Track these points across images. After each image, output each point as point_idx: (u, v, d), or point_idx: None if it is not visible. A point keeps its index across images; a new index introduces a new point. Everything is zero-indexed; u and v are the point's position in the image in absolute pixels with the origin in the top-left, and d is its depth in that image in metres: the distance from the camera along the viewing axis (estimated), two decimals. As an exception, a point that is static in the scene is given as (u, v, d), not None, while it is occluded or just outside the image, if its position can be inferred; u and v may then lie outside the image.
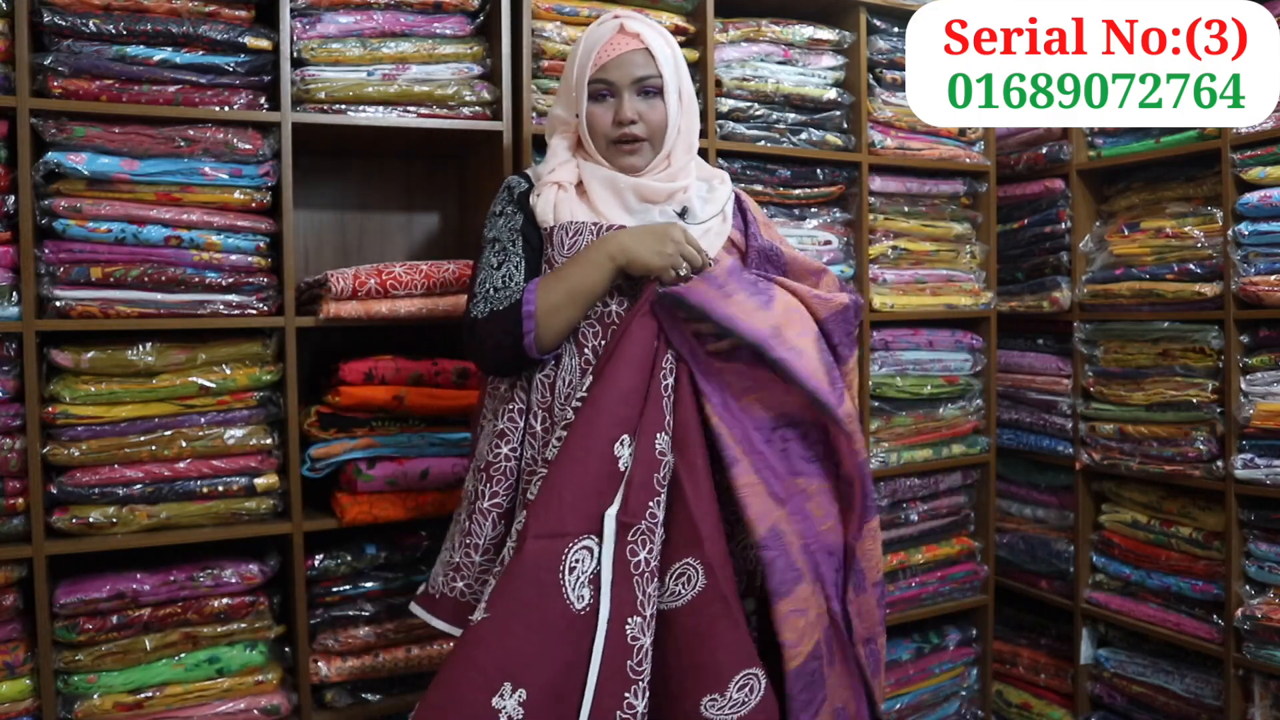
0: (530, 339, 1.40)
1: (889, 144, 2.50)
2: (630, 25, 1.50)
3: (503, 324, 1.41)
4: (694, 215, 1.52)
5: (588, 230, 1.47)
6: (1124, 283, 2.55)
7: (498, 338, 1.42)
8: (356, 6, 1.97)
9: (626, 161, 1.51)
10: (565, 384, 1.45)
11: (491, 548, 1.48)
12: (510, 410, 1.48)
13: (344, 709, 1.99)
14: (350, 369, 1.96)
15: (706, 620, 1.36)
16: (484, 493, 1.48)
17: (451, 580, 1.51)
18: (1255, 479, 2.27)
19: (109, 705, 1.79)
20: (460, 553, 1.50)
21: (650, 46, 1.49)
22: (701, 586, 1.36)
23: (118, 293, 1.79)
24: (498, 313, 1.42)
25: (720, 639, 1.35)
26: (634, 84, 1.48)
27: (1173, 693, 2.47)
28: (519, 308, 1.40)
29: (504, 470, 1.47)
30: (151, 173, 1.80)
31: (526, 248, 1.49)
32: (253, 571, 1.88)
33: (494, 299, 1.44)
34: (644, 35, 1.49)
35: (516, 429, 1.48)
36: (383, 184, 2.36)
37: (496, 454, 1.48)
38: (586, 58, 1.49)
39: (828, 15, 2.48)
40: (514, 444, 1.48)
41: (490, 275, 1.46)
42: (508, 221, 1.51)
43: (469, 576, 1.49)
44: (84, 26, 1.76)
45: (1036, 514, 2.87)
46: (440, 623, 1.51)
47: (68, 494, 1.78)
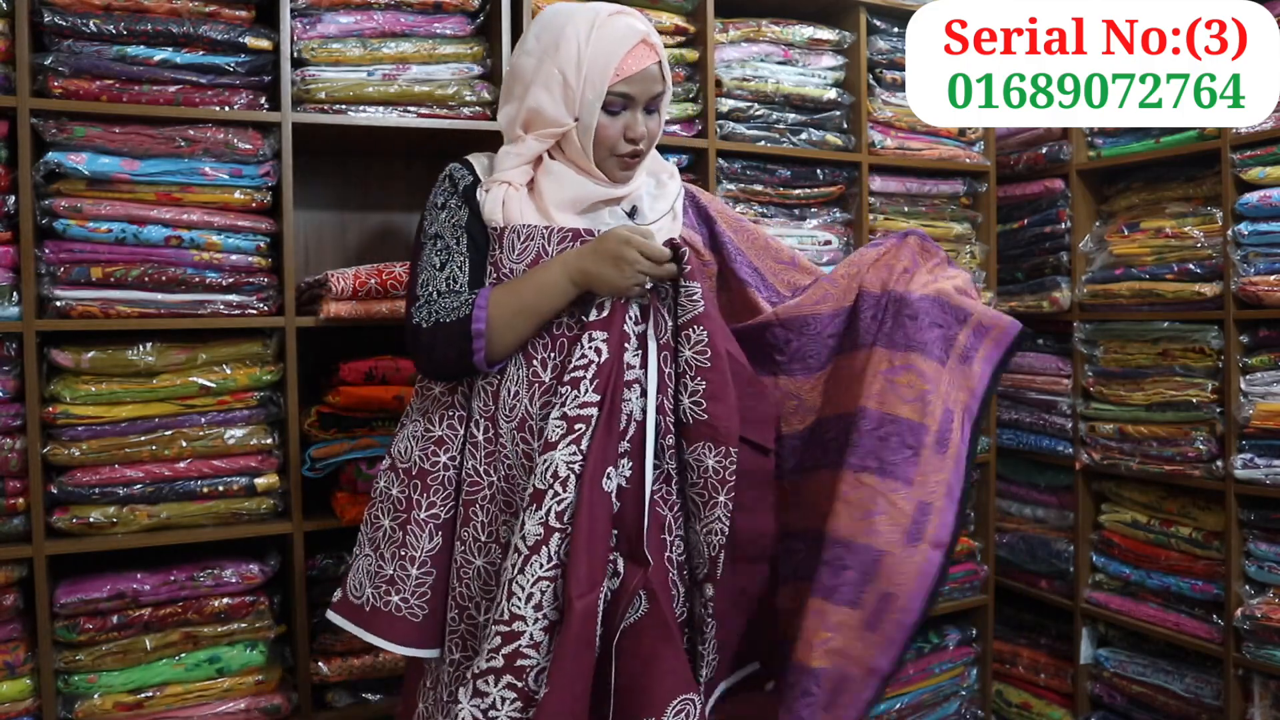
0: (480, 357, 1.35)
1: (889, 144, 2.50)
2: (651, 37, 1.42)
3: (449, 336, 1.35)
4: (643, 215, 1.49)
5: (539, 235, 1.41)
6: (1124, 283, 2.55)
7: (443, 350, 1.36)
8: (357, 7, 1.97)
9: (624, 175, 1.46)
10: (510, 394, 1.40)
11: (429, 560, 1.41)
12: (450, 417, 1.43)
13: (344, 709, 1.99)
14: (350, 369, 1.97)
15: (647, 644, 1.32)
16: (420, 502, 1.42)
17: (385, 594, 1.42)
18: (1255, 479, 2.27)
19: (109, 705, 1.79)
20: (394, 565, 1.42)
21: (662, 59, 1.43)
22: (644, 611, 1.32)
23: (118, 293, 1.79)
24: (444, 324, 1.36)
25: (659, 664, 1.31)
26: (648, 100, 1.43)
27: (1173, 693, 2.47)
28: (468, 323, 1.34)
29: (442, 480, 1.42)
30: (152, 173, 1.80)
31: (471, 246, 1.42)
32: (253, 571, 1.88)
33: (439, 306, 1.37)
34: (659, 49, 1.43)
35: (456, 437, 1.43)
36: (383, 184, 2.36)
37: (434, 462, 1.42)
38: (605, 63, 1.38)
39: (828, 15, 2.48)
40: (453, 452, 1.42)
41: (433, 276, 1.40)
42: (451, 216, 1.43)
43: (405, 591, 1.42)
44: (84, 26, 1.76)
45: (1036, 514, 2.87)
46: (375, 638, 1.43)
47: (68, 494, 1.78)
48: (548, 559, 1.30)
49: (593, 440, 1.32)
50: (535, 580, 1.29)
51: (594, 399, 1.32)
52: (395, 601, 1.42)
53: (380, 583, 1.43)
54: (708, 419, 1.38)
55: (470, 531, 1.41)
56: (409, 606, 1.42)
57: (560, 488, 1.30)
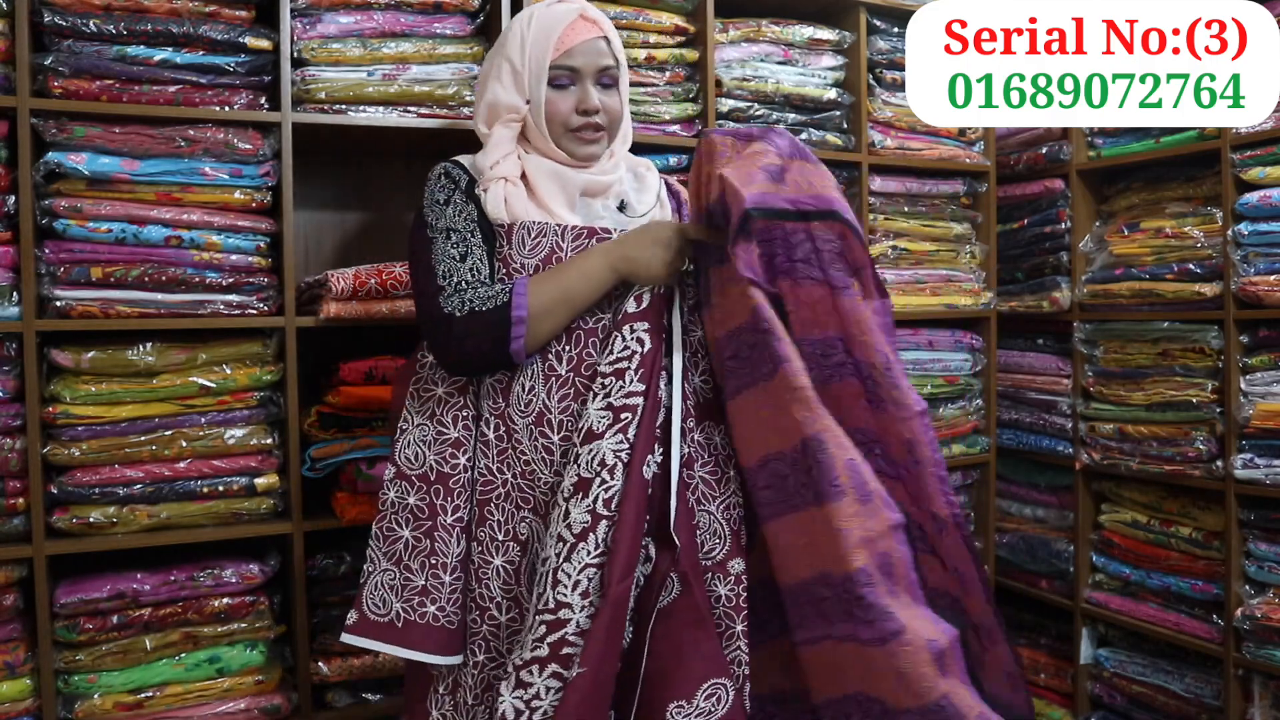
0: (519, 344, 1.35)
1: (889, 144, 2.50)
2: (590, 12, 1.46)
3: (487, 324, 1.34)
4: (632, 209, 1.51)
5: (552, 233, 1.42)
6: (1124, 283, 2.55)
7: (477, 339, 1.35)
8: (357, 7, 1.97)
9: (586, 151, 1.46)
10: (525, 390, 1.40)
11: (458, 565, 1.41)
12: (464, 418, 1.43)
13: (344, 709, 1.99)
14: (350, 369, 1.96)
15: (678, 628, 1.33)
16: (444, 508, 1.40)
17: (420, 605, 1.40)
18: (1255, 479, 2.27)
19: (109, 705, 1.79)
20: (425, 575, 1.40)
21: (609, 35, 1.46)
22: (677, 594, 1.34)
23: (118, 293, 1.79)
24: (480, 313, 1.35)
25: (692, 647, 1.32)
26: (597, 73, 1.45)
27: (1173, 692, 2.47)
28: (508, 310, 1.34)
29: (462, 482, 1.41)
30: (152, 173, 1.80)
31: (486, 241, 1.43)
32: (253, 571, 1.88)
33: (471, 295, 1.36)
34: (602, 24, 1.46)
35: (471, 437, 1.43)
36: (383, 184, 2.36)
37: (454, 465, 1.41)
38: (545, 40, 1.42)
39: (828, 15, 2.48)
40: (469, 453, 1.42)
41: (455, 268, 1.39)
42: (459, 211, 1.43)
43: (441, 599, 1.40)
44: (84, 26, 1.76)
45: (1036, 514, 2.87)
46: (411, 652, 1.40)
47: (68, 494, 1.78)
48: (595, 546, 1.30)
49: (639, 429, 1.33)
50: (582, 568, 1.30)
51: (639, 388, 1.35)
52: (432, 611, 1.40)
53: (412, 594, 1.41)
54: (712, 397, 1.41)
55: (487, 531, 1.42)
56: (445, 615, 1.41)
57: (608, 475, 1.31)
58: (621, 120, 1.50)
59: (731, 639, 1.38)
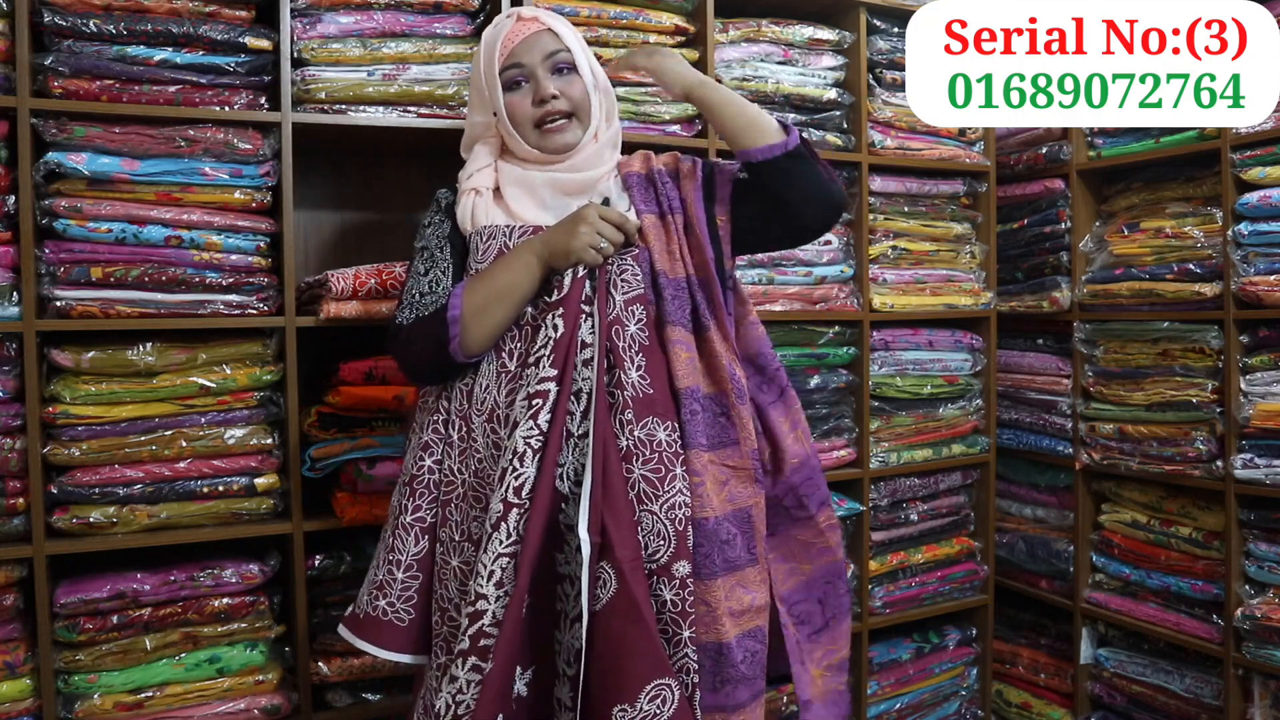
0: (455, 344, 1.38)
1: (889, 144, 2.50)
2: (526, 13, 1.48)
3: (426, 328, 1.40)
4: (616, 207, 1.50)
5: (501, 233, 1.45)
6: (1124, 283, 2.55)
7: (421, 342, 1.41)
8: (357, 7, 1.97)
9: (558, 140, 1.47)
10: (482, 389, 1.43)
11: (415, 564, 1.44)
12: (435, 422, 1.46)
13: (344, 709, 1.99)
14: (350, 369, 1.97)
15: (617, 627, 1.30)
16: (407, 507, 1.45)
17: (374, 599, 1.46)
18: (1255, 479, 2.27)
19: (109, 705, 1.79)
20: (383, 570, 1.46)
21: (552, 27, 1.47)
22: (613, 590, 1.30)
23: (118, 293, 1.79)
24: (423, 318, 1.41)
25: (630, 647, 1.28)
26: (546, 61, 1.46)
27: (1172, 692, 2.47)
28: (444, 312, 1.39)
29: (427, 483, 1.45)
30: (152, 173, 1.80)
31: (454, 254, 1.48)
32: (253, 571, 1.88)
33: (419, 305, 1.43)
34: (542, 18, 1.48)
35: (440, 440, 1.46)
36: (383, 184, 2.36)
37: (420, 466, 1.45)
38: (491, 53, 1.46)
39: (828, 15, 2.48)
40: (437, 456, 1.45)
41: (417, 282, 1.46)
42: (435, 230, 1.50)
43: (391, 595, 1.45)
44: (84, 27, 1.76)
45: (1036, 514, 2.87)
46: (365, 644, 1.45)
47: (68, 494, 1.78)
48: (507, 535, 1.31)
49: (553, 414, 1.33)
50: (496, 557, 1.30)
51: (552, 373, 1.35)
52: (383, 606, 1.45)
53: (371, 589, 1.47)
54: (653, 393, 1.40)
55: (447, 532, 1.43)
56: (395, 611, 1.45)
57: (519, 463, 1.32)
58: (588, 103, 1.48)
59: (679, 645, 1.34)
